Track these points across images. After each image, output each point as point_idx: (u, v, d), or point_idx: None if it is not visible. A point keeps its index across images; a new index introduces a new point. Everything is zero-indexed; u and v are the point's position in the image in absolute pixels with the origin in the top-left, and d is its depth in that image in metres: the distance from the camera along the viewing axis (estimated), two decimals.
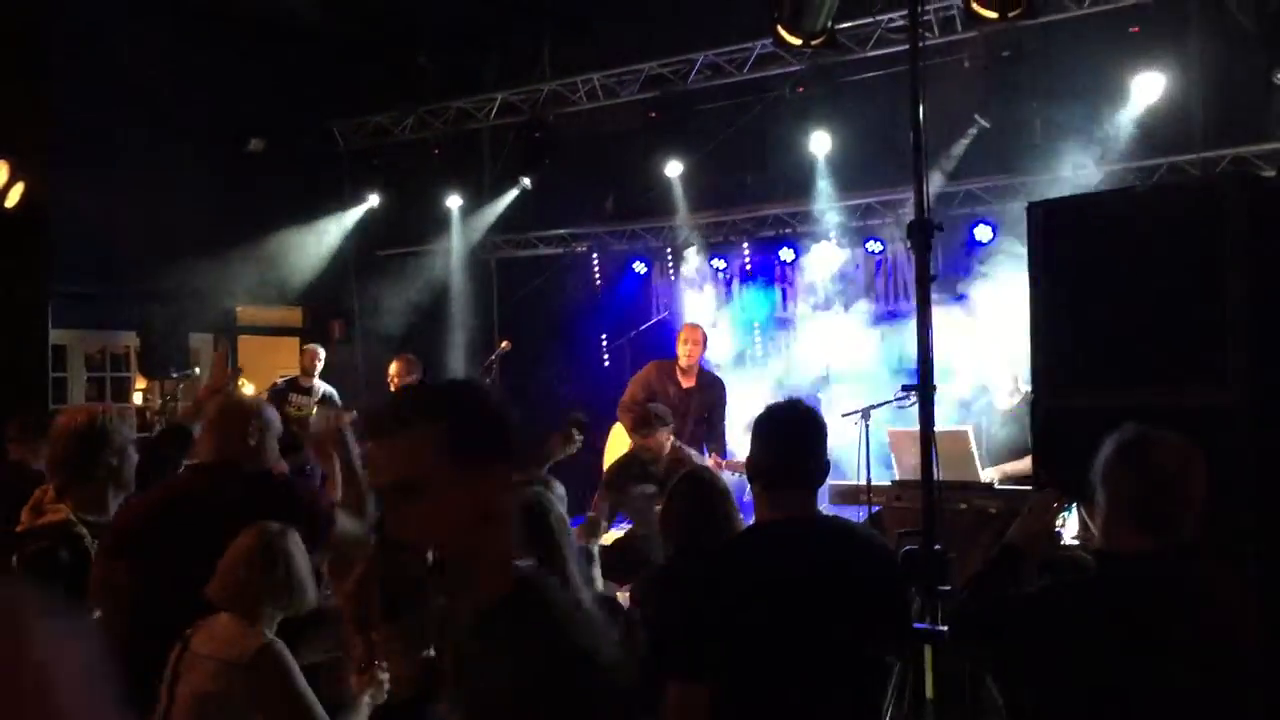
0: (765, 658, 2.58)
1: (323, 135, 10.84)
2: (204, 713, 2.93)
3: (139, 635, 3.29)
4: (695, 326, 7.72)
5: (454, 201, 10.71)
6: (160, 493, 3.58)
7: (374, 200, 10.85)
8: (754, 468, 2.79)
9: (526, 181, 10.00)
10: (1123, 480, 2.46)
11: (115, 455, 3.42)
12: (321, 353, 9.00)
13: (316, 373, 8.79)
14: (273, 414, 3.63)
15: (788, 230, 10.10)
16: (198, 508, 3.35)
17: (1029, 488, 3.96)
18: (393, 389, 8.29)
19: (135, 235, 9.00)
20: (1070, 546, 2.79)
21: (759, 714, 2.60)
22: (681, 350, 7.46)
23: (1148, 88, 7.56)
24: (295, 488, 3.70)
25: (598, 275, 11.04)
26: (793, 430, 2.78)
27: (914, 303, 4.09)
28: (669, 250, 10.77)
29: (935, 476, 3.82)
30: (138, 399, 9.99)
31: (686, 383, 7.48)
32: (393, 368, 8.34)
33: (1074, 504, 2.85)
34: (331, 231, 10.80)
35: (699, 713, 2.54)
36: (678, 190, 9.71)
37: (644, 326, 9.56)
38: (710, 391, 7.49)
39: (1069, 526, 2.80)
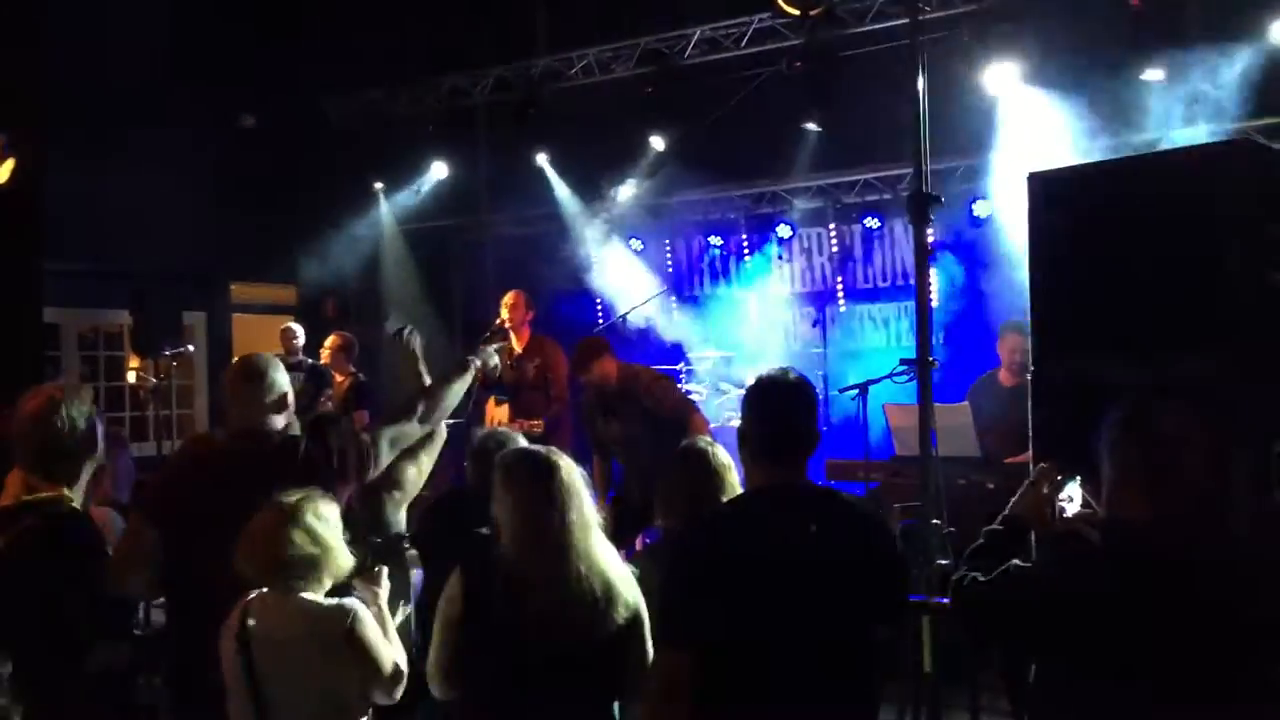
0: (759, 625, 2.56)
1: (315, 112, 10.77)
2: (294, 684, 3.00)
3: (177, 604, 3.37)
4: (515, 291, 7.65)
5: (446, 178, 10.65)
6: (190, 459, 3.58)
7: (368, 177, 10.78)
8: (745, 436, 2.76)
9: (542, 157, 9.95)
10: (1128, 449, 2.43)
11: (86, 434, 3.33)
12: (298, 331, 9.12)
13: (297, 351, 8.89)
14: (283, 376, 3.61)
15: (785, 207, 10.05)
16: (231, 471, 3.34)
17: (1028, 462, 3.94)
18: (326, 360, 8.35)
19: (127, 213, 8.96)
20: (1072, 519, 2.76)
21: (754, 682, 2.58)
22: (502, 315, 7.42)
23: (1154, 61, 7.49)
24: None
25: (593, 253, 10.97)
26: (784, 399, 2.75)
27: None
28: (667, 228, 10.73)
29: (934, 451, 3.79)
30: (131, 377, 9.95)
31: (517, 349, 7.46)
32: (327, 343, 8.49)
33: (1075, 477, 2.82)
34: (325, 209, 10.74)
35: (685, 678, 2.53)
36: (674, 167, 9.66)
37: (639, 304, 9.50)
38: (539, 355, 7.40)
39: (1071, 500, 2.78)
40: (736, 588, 2.57)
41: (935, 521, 3.64)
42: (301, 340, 8.95)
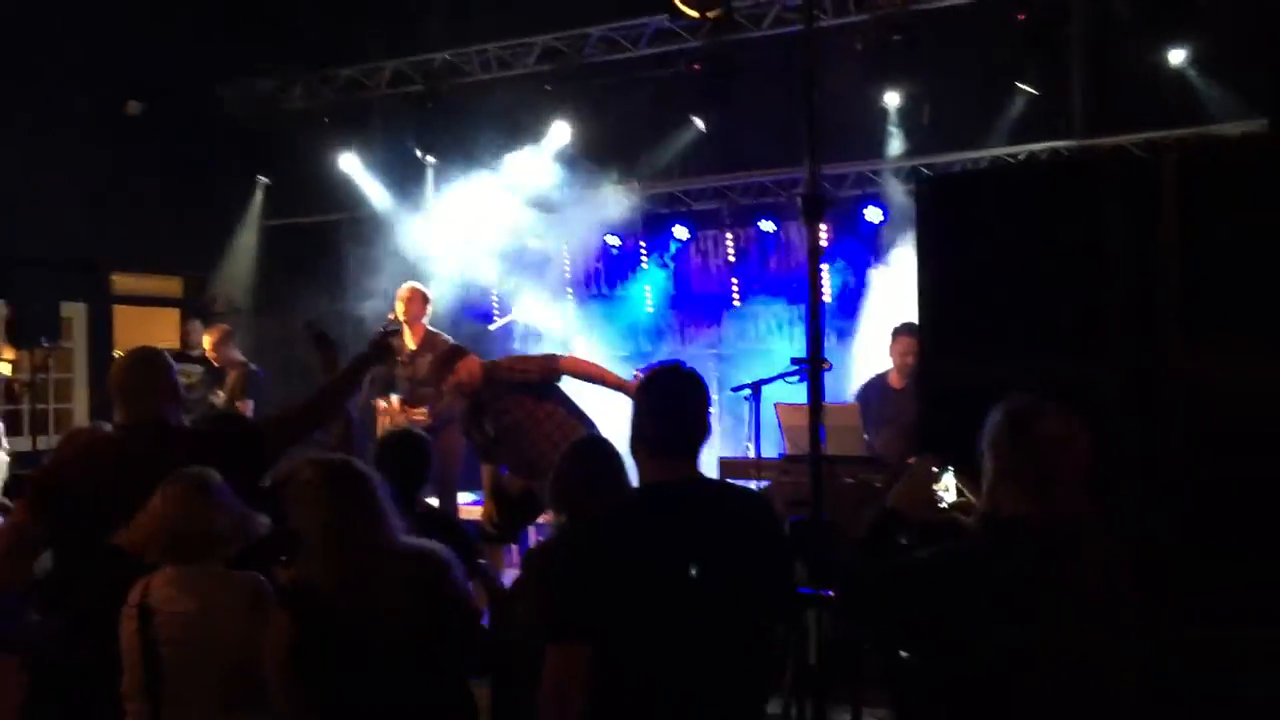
0: (650, 618, 2.57)
1: (206, 100, 10.49)
2: (198, 656, 2.98)
3: (61, 597, 3.29)
4: (411, 285, 7.56)
5: (344, 170, 10.47)
6: (84, 450, 3.51)
7: (259, 168, 10.55)
8: (637, 431, 2.77)
9: (430, 158, 9.87)
10: (1009, 446, 2.49)
11: None
12: (198, 325, 9.17)
13: (197, 345, 8.83)
14: (173, 367, 3.63)
15: (682, 208, 10.12)
16: (128, 463, 3.27)
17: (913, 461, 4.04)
18: (212, 360, 8.20)
19: (3, 198, 8.61)
20: (948, 509, 2.86)
21: (643, 676, 2.59)
22: (397, 310, 7.31)
23: (1032, 73, 7.76)
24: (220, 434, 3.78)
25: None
26: (675, 395, 2.77)
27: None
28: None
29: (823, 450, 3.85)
30: (6, 369, 9.57)
31: (411, 345, 7.36)
32: (207, 339, 8.41)
33: (950, 469, 2.91)
34: (213, 199, 10.47)
35: (577, 674, 2.53)
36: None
37: (534, 303, 9.47)
38: (432, 351, 7.11)
39: (949, 490, 2.87)
40: (628, 582, 2.57)
41: (823, 517, 3.70)
42: (199, 335, 8.90)
